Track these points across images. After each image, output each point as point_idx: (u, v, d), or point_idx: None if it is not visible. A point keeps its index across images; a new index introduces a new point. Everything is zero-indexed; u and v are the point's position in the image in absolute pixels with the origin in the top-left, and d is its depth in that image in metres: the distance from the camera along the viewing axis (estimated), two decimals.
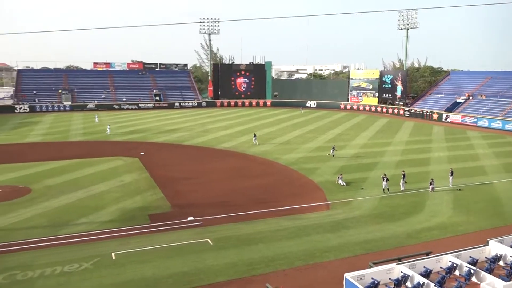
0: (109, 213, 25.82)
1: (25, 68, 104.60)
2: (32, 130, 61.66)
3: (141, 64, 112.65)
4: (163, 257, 19.70)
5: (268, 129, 62.76)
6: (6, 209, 26.26)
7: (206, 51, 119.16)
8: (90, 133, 58.50)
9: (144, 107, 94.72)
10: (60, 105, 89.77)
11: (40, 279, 17.57)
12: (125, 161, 40.31)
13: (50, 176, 34.37)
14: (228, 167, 38.73)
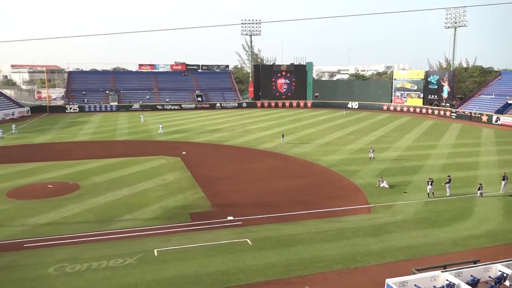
0: (152, 210, 26.56)
1: (75, 70, 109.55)
2: (81, 129, 64.51)
3: (184, 66, 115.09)
4: (203, 255, 20.03)
5: (309, 130, 62.32)
6: (57, 204, 27.64)
7: (247, 52, 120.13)
8: (135, 133, 60.44)
9: (186, 107, 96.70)
10: (107, 106, 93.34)
11: (87, 272, 18.35)
12: (167, 160, 41.33)
13: (97, 173, 35.82)
14: (268, 167, 38.82)
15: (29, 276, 17.96)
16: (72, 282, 17.47)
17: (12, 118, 77.81)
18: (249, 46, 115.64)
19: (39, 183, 32.93)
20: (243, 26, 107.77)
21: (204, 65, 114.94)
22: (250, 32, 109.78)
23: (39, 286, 17.19)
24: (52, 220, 24.83)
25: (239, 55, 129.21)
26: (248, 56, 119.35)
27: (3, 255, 20.07)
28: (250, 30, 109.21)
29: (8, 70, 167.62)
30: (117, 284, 17.30)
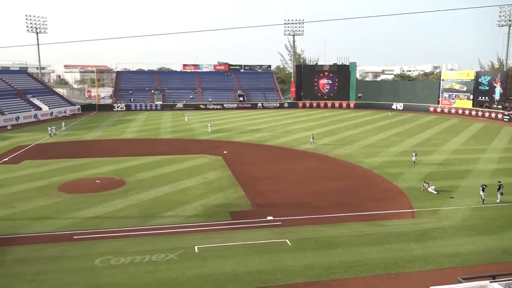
0: (193, 208, 27.06)
1: (123, 70, 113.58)
2: (127, 127, 66.78)
3: (226, 66, 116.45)
4: (242, 254, 20.17)
5: (351, 131, 61.26)
6: (104, 199, 28.77)
7: (289, 53, 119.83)
8: (178, 131, 61.82)
9: (228, 107, 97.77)
10: (152, 105, 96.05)
11: (131, 265, 18.96)
12: (209, 159, 41.97)
13: (142, 170, 36.96)
14: (309, 168, 38.53)
15: (77, 267, 18.79)
16: (116, 274, 18.11)
17: (64, 115, 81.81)
18: (292, 46, 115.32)
19: (87, 178, 34.41)
20: (286, 26, 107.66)
21: (246, 65, 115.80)
22: (293, 32, 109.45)
23: (86, 276, 17.94)
24: (99, 214, 25.87)
25: (282, 55, 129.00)
26: (291, 56, 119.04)
27: (54, 246, 21.13)
28: (293, 30, 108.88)
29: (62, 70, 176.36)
30: (159, 279, 17.76)
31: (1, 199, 28.70)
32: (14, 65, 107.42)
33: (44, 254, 20.15)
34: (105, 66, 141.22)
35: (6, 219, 25.00)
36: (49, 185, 32.23)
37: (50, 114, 79.92)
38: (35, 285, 17.27)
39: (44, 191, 30.68)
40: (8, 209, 26.72)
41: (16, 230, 23.26)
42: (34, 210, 26.54)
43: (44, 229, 23.40)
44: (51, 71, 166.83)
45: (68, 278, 17.77)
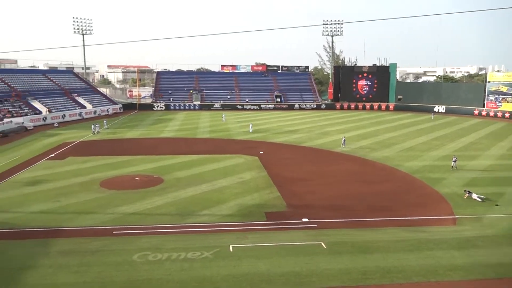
0: (229, 207, 27.28)
1: (163, 70, 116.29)
2: (166, 126, 68.29)
3: (264, 66, 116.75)
4: (277, 255, 20.13)
5: (390, 134, 59.85)
6: (143, 196, 29.55)
7: (328, 53, 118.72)
8: (215, 131, 62.57)
9: (265, 107, 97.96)
10: (191, 104, 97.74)
11: (167, 262, 19.35)
12: (245, 159, 42.21)
13: (179, 169, 37.67)
14: (345, 170, 37.98)
15: (117, 261, 19.40)
16: (153, 270, 18.54)
17: (106, 114, 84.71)
18: (330, 47, 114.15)
19: (127, 175, 35.45)
20: (324, 26, 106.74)
21: (284, 66, 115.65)
22: (331, 32, 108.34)
23: (124, 271, 18.48)
24: (138, 210, 26.59)
25: (320, 56, 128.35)
26: (329, 57, 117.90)
27: (96, 240, 21.92)
28: (332, 30, 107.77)
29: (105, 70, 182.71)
30: (194, 276, 18.03)
31: (48, 193, 30.09)
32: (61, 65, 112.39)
33: (87, 247, 20.94)
34: (146, 67, 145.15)
35: (52, 213, 26.18)
36: (91, 181, 33.47)
37: (94, 112, 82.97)
38: (78, 276, 17.96)
39: (87, 186, 31.90)
40: (54, 203, 27.98)
41: (61, 223, 24.31)
42: (78, 205, 27.64)
43: (87, 223, 24.32)
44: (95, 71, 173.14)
45: (109, 271, 18.37)
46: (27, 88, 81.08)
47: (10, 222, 24.41)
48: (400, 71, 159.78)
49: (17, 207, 27.18)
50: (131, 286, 17.20)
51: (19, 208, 26.90)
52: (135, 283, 17.38)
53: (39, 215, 25.67)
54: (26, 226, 23.83)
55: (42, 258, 19.66)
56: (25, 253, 20.28)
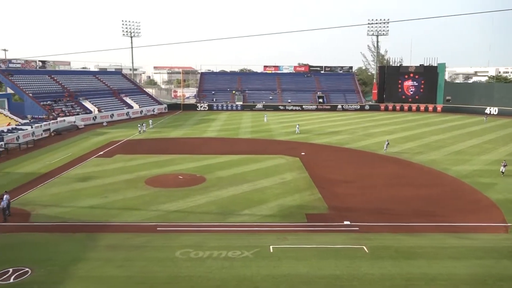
0: (270, 208, 27.32)
1: (206, 71, 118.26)
2: (209, 126, 69.41)
3: (307, 67, 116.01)
4: (317, 257, 19.93)
5: (437, 136, 57.70)
6: (186, 194, 30.21)
7: (373, 53, 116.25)
8: (257, 132, 62.87)
9: (307, 108, 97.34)
10: (233, 105, 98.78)
11: (209, 259, 19.65)
12: (287, 160, 42.12)
13: (221, 168, 38.16)
14: (389, 173, 37.02)
15: (159, 257, 19.93)
16: (195, 267, 18.89)
17: (152, 114, 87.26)
18: (375, 47, 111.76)
19: (171, 174, 36.34)
20: (369, 26, 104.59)
21: (327, 66, 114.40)
22: (376, 32, 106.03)
23: (167, 267, 18.95)
24: (181, 208, 27.20)
25: (364, 56, 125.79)
26: (374, 57, 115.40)
27: (140, 236, 22.64)
28: (377, 30, 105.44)
29: (151, 71, 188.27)
30: (235, 275, 18.20)
31: (97, 189, 31.42)
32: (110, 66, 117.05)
33: (131, 242, 21.67)
34: (190, 68, 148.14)
35: (100, 208, 27.32)
36: (137, 178, 34.59)
37: (140, 112, 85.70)
38: (123, 270, 18.63)
39: (132, 183, 33.01)
40: (102, 199, 29.18)
41: (108, 218, 25.30)
42: (124, 201, 28.67)
43: (132, 219, 25.17)
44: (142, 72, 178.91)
45: (152, 267, 18.92)
46: (79, 88, 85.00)
47: (63, 216, 25.70)
48: (449, 71, 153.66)
49: (68, 201, 28.59)
50: (172, 282, 17.62)
51: (71, 203, 28.27)
52: (177, 279, 17.78)
53: (89, 210, 26.86)
54: (77, 220, 25.00)
55: (90, 251, 20.56)
56: (75, 246, 21.28)
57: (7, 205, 25.32)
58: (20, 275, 18.13)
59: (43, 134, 58.01)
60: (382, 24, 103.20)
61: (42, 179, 34.64)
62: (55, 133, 60.57)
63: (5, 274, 18.21)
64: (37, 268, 18.75)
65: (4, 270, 18.48)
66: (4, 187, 30.50)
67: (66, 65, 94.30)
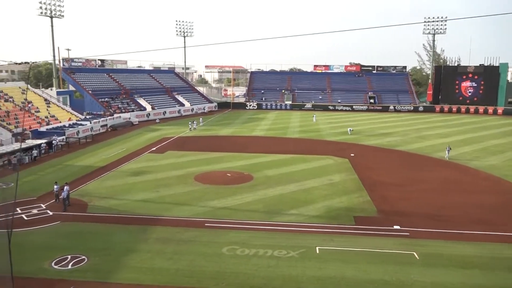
0: (317, 208, 27.09)
1: (256, 70, 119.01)
2: (258, 125, 69.86)
3: (358, 67, 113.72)
4: (364, 261, 19.54)
5: (498, 140, 54.53)
6: (233, 191, 30.63)
7: (428, 53, 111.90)
8: (305, 131, 62.48)
9: (357, 109, 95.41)
10: (282, 104, 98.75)
11: (254, 257, 19.83)
12: (335, 161, 41.54)
13: (269, 167, 38.31)
14: (443, 178, 35.49)
15: (207, 252, 20.37)
16: (241, 264, 19.14)
17: (203, 112, 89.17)
18: (431, 46, 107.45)
19: (220, 171, 36.97)
20: (425, 24, 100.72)
21: (379, 66, 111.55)
22: (433, 30, 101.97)
23: (213, 262, 19.35)
24: (228, 205, 27.61)
25: (419, 55, 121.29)
26: (429, 57, 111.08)
27: (189, 230, 23.24)
28: (434, 28, 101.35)
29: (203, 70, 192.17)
30: (280, 274, 18.24)
31: (149, 184, 32.62)
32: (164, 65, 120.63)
33: (180, 236, 22.31)
34: (240, 67, 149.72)
35: (152, 202, 28.33)
36: (187, 174, 35.51)
37: (191, 110, 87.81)
38: (172, 263, 19.23)
39: (182, 179, 33.93)
40: (154, 193, 30.25)
41: (159, 212, 26.19)
42: (174, 196, 29.54)
43: (181, 214, 25.89)
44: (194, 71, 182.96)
45: (199, 261, 19.39)
46: (134, 86, 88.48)
47: (117, 208, 26.92)
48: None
49: (123, 194, 29.90)
50: (219, 277, 17.95)
51: (125, 196, 29.55)
52: (223, 275, 18.09)
53: (141, 203, 27.94)
54: (130, 213, 26.09)
55: (142, 243, 21.40)
56: (128, 237, 22.24)
57: (67, 196, 26.94)
58: (77, 262, 19.23)
59: (101, 130, 61.04)
60: (440, 22, 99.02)
61: (99, 172, 36.46)
62: (112, 128, 63.53)
63: (64, 260, 19.39)
64: (93, 256, 19.80)
65: (63, 257, 19.69)
66: (64, 178, 32.44)
67: (123, 64, 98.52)
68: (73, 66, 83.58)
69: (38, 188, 31.16)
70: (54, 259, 19.44)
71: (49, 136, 48.85)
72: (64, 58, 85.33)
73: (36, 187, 31.48)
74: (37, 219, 25.04)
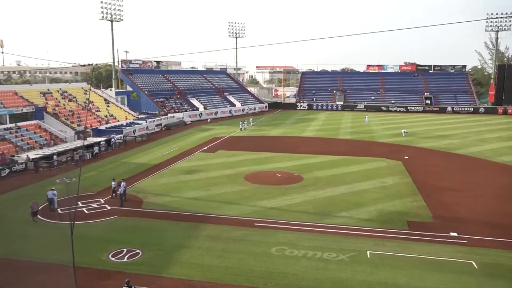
0: (368, 211, 26.44)
1: (307, 70, 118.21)
2: (308, 126, 69.35)
3: (413, 66, 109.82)
4: (419, 268, 18.80)
5: None
6: (282, 192, 30.61)
7: (491, 51, 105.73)
8: (357, 133, 61.21)
9: (412, 110, 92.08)
10: (333, 105, 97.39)
11: (303, 259, 19.70)
12: (388, 163, 40.34)
13: (319, 168, 37.92)
14: (506, 183, 33.40)
15: (256, 251, 20.51)
16: (289, 265, 19.09)
17: (253, 112, 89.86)
18: (494, 44, 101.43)
19: (269, 171, 37.09)
20: (488, 21, 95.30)
21: (436, 65, 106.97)
22: (496, 27, 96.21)
23: (262, 262, 19.44)
24: (278, 205, 27.63)
25: (480, 54, 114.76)
26: (492, 55, 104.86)
27: (238, 229, 23.51)
28: (497, 25, 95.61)
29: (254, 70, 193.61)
30: (329, 277, 18.00)
31: (200, 182, 33.38)
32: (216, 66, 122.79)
33: (230, 235, 22.62)
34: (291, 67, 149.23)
35: (203, 200, 28.97)
36: (237, 174, 35.95)
37: (242, 110, 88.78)
38: (221, 261, 19.55)
39: (232, 178, 34.39)
40: (205, 191, 30.91)
41: (210, 210, 26.72)
42: (224, 195, 30.02)
43: (231, 213, 26.24)
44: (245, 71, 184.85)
45: (248, 260, 19.56)
46: (188, 86, 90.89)
47: (170, 205, 27.79)
48: None
49: (175, 192, 30.80)
50: (267, 277, 18.01)
51: (177, 193, 30.43)
52: (272, 275, 18.13)
53: (192, 201, 28.65)
54: (182, 210, 26.84)
55: (193, 240, 21.94)
56: (180, 234, 22.89)
57: (124, 192, 28.17)
58: (132, 255, 20.07)
59: (155, 129, 63.26)
60: (503, 19, 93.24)
61: (153, 169, 37.82)
62: (166, 128, 65.65)
63: (120, 253, 20.31)
64: (147, 250, 20.58)
65: (119, 250, 20.62)
66: (121, 175, 33.98)
67: (177, 65, 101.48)
68: (131, 68, 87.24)
69: (97, 184, 32.85)
70: (111, 252, 20.42)
71: (108, 134, 51.36)
72: (123, 60, 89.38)
73: (95, 183, 33.19)
74: (96, 213, 26.43)
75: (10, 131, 45.78)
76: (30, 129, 48.30)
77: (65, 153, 42.48)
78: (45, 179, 35.09)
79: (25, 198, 28.84)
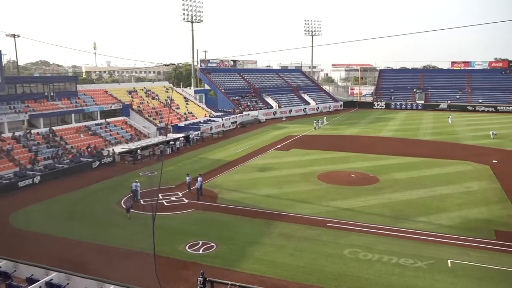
0: (450, 218, 24.88)
1: (386, 68, 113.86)
2: (385, 125, 66.80)
3: (505, 62, 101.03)
4: (506, 282, 17.33)
5: None
6: (357, 193, 29.86)
7: None
8: (439, 133, 57.75)
9: (503, 110, 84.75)
10: (413, 104, 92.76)
11: (378, 263, 19.08)
12: (474, 167, 37.59)
13: (396, 170, 36.40)
14: None
15: (328, 252, 20.26)
16: (363, 268, 18.59)
17: (328, 111, 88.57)
18: None
19: (343, 171, 36.36)
20: None
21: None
22: None
23: (334, 263, 19.14)
24: (351, 207, 27.02)
25: None
26: None
27: (311, 228, 23.38)
28: None
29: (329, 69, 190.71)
30: (405, 283, 17.24)
31: (273, 180, 33.68)
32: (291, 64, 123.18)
33: (302, 234, 22.58)
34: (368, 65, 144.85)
35: (275, 197, 29.21)
36: (310, 172, 35.72)
37: (316, 109, 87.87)
38: (293, 259, 19.59)
39: (306, 177, 34.23)
40: (278, 189, 31.13)
41: (282, 208, 26.86)
42: (297, 193, 29.99)
43: (303, 212, 26.15)
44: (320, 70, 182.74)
45: (320, 260, 19.39)
46: (263, 85, 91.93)
47: (243, 201, 28.40)
48: None
49: (249, 188, 31.41)
50: (340, 279, 17.71)
51: (251, 190, 31.00)
52: (344, 278, 17.79)
53: (265, 198, 29.00)
54: (255, 206, 27.29)
55: (265, 237, 22.23)
56: (253, 230, 23.32)
57: (200, 186, 29.32)
58: (207, 248, 20.85)
59: (231, 126, 64.92)
60: None
61: (228, 166, 38.87)
62: (241, 125, 67.09)
63: (196, 245, 21.20)
64: (221, 244, 21.25)
65: (195, 242, 21.53)
66: (198, 170, 35.37)
67: (253, 64, 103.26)
68: (209, 67, 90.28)
69: (176, 178, 34.51)
70: (188, 243, 21.37)
71: (187, 131, 53.73)
72: (202, 59, 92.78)
73: (174, 177, 34.90)
74: (175, 205, 27.81)
75: (100, 126, 49.76)
76: (117, 125, 52.10)
77: (147, 147, 45.21)
78: (130, 171, 37.63)
79: (112, 189, 31.21)
